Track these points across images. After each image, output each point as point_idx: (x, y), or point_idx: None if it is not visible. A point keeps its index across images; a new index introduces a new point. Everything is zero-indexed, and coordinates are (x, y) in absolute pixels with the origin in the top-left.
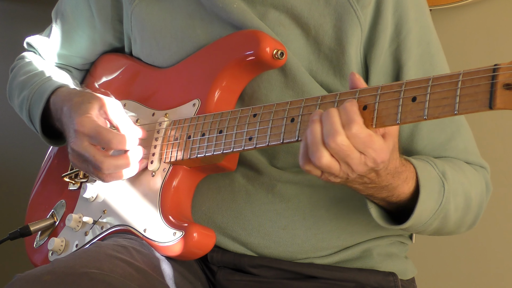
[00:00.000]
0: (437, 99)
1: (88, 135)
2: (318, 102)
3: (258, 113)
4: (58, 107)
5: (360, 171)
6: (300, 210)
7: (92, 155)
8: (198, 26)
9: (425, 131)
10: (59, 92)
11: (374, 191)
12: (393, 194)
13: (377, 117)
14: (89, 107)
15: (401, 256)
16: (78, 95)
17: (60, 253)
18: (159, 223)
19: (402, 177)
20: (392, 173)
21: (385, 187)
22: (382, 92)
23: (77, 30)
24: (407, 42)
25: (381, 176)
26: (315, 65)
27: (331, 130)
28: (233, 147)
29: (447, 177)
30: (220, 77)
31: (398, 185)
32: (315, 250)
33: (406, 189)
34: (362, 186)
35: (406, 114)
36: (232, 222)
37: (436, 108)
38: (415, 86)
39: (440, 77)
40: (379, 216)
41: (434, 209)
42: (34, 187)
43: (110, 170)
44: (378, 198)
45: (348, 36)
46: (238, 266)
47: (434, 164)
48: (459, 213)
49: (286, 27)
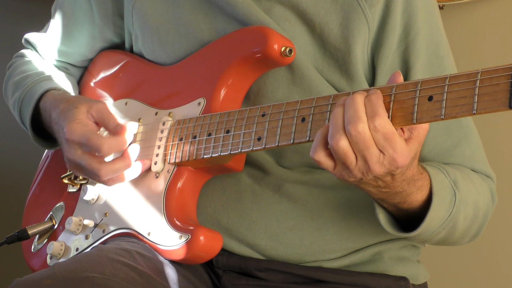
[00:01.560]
0: (454, 98)
1: (78, 142)
2: (330, 101)
3: (267, 113)
4: (47, 114)
5: (377, 171)
6: (308, 210)
7: (88, 163)
8: (202, 21)
9: (431, 135)
10: (46, 97)
11: (387, 196)
12: (405, 201)
13: (392, 116)
14: (76, 112)
15: (413, 260)
16: (64, 101)
17: (60, 258)
18: (163, 226)
19: (417, 184)
20: (408, 180)
21: (399, 193)
22: (396, 91)
23: (76, 25)
24: (416, 43)
25: (396, 181)
26: (321, 63)
27: (353, 116)
28: (241, 147)
29: (458, 186)
30: (226, 75)
31: (412, 192)
32: (324, 252)
33: (419, 197)
34: (376, 189)
35: (422, 113)
36: (238, 223)
37: (454, 108)
38: (432, 85)
39: (458, 75)
40: (387, 222)
41: (443, 218)
42: (31, 188)
43: (108, 175)
44: (390, 203)
45: (354, 35)
46: (244, 269)
47: (446, 173)
48: (467, 223)
49: (291, 23)
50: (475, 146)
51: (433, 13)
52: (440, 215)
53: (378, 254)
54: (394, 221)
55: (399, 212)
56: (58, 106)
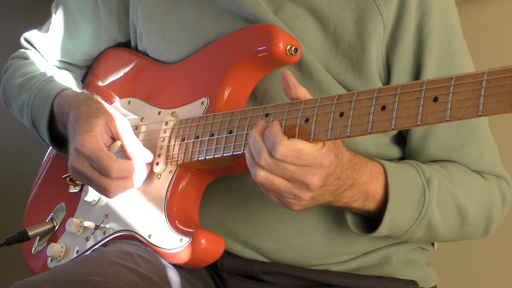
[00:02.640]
0: (460, 99)
1: (88, 157)
2: (334, 101)
3: (270, 113)
4: (64, 111)
5: (314, 182)
6: (316, 213)
7: (98, 178)
8: (207, 20)
9: (439, 133)
10: (64, 95)
11: (348, 197)
12: (367, 195)
13: (396, 118)
14: (95, 122)
15: (422, 263)
16: (86, 104)
17: (60, 260)
18: (164, 228)
19: (365, 170)
20: (350, 167)
21: (354, 186)
22: (401, 91)
23: (81, 22)
24: (429, 41)
25: (341, 175)
26: (332, 62)
27: (255, 151)
28: (243, 149)
29: (431, 185)
30: (231, 74)
31: (366, 180)
32: (331, 256)
33: (378, 187)
34: (333, 196)
35: (427, 115)
36: (243, 226)
37: (459, 109)
38: (437, 85)
39: (464, 76)
40: (353, 224)
41: (413, 218)
42: (32, 189)
43: (117, 192)
44: (355, 207)
45: (369, 32)
46: (250, 272)
47: (421, 170)
48: (452, 223)
49: (303, 21)
50: (484, 146)
51: (448, 9)
52: (408, 214)
53: (386, 257)
54: (364, 223)
55: (369, 215)
56: (79, 108)
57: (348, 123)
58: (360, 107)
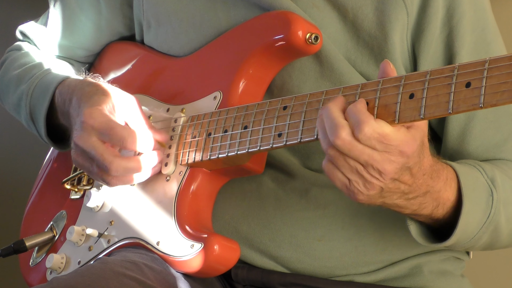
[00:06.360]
0: (494, 84)
1: (98, 129)
2: (358, 91)
3: (288, 105)
4: (67, 98)
5: (389, 170)
6: (339, 218)
7: (100, 153)
8: (219, 9)
9: (478, 129)
10: (66, 82)
11: (418, 204)
12: (438, 203)
13: (426, 106)
14: (102, 99)
15: (456, 274)
16: (91, 85)
17: (60, 272)
18: (174, 234)
19: (442, 177)
20: (428, 172)
21: (428, 194)
22: (431, 77)
23: (80, 16)
24: (460, 28)
25: (417, 178)
26: (353, 53)
27: (332, 127)
28: (259, 145)
29: (496, 184)
30: (245, 66)
31: (441, 188)
32: (356, 266)
33: (450, 194)
34: (402, 199)
35: (459, 102)
36: (259, 233)
37: (494, 95)
38: (469, 69)
39: (498, 58)
40: (419, 234)
41: (482, 221)
42: (30, 196)
43: (119, 172)
44: (424, 214)
45: (391, 20)
46: (267, 284)
47: (482, 169)
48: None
49: (320, 9)
50: None
51: None
52: (477, 218)
53: (417, 268)
54: (428, 232)
55: (436, 223)
56: (83, 89)
57: (374, 113)
58: (386, 95)
